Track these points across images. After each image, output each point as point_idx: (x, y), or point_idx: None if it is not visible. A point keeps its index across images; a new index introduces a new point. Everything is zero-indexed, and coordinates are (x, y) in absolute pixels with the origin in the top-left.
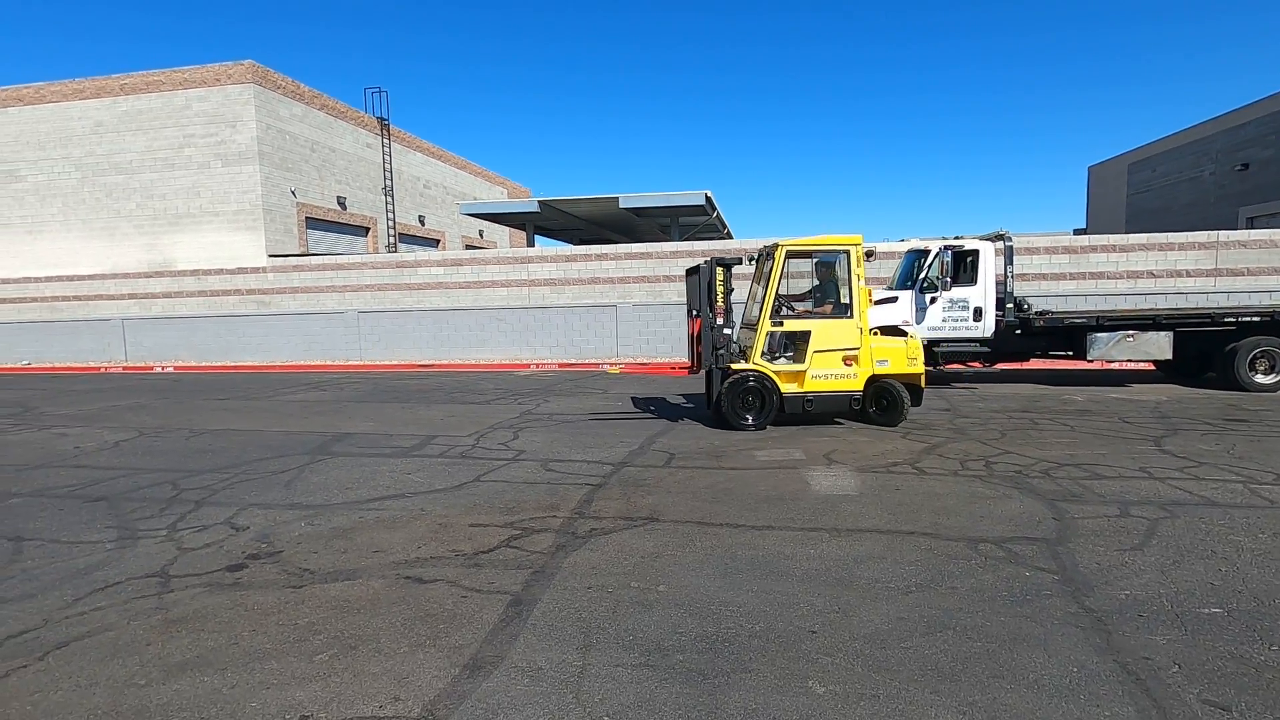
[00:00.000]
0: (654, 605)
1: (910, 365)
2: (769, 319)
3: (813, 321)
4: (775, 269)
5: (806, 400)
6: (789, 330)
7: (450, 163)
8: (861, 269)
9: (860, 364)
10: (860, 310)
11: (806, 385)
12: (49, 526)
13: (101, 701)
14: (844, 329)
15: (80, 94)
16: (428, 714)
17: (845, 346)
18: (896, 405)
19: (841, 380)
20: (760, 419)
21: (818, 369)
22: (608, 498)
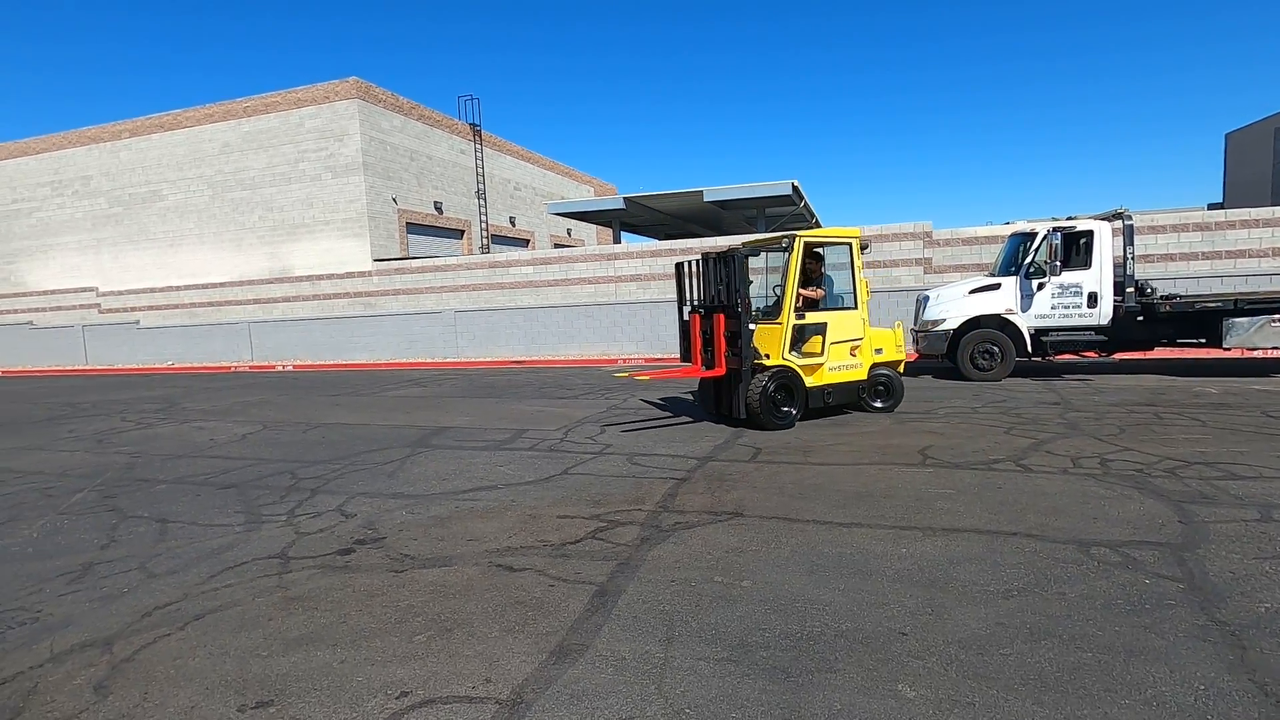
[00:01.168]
0: (737, 600)
1: (898, 353)
2: (793, 312)
3: (830, 314)
4: (794, 261)
5: (826, 393)
6: (809, 323)
7: (538, 164)
8: (860, 261)
9: (862, 354)
10: (862, 301)
11: (824, 378)
12: (188, 510)
13: (231, 669)
14: (851, 321)
15: (210, 118)
16: (516, 697)
17: (853, 337)
18: (894, 392)
19: (851, 371)
20: (794, 416)
21: (833, 361)
22: (692, 492)
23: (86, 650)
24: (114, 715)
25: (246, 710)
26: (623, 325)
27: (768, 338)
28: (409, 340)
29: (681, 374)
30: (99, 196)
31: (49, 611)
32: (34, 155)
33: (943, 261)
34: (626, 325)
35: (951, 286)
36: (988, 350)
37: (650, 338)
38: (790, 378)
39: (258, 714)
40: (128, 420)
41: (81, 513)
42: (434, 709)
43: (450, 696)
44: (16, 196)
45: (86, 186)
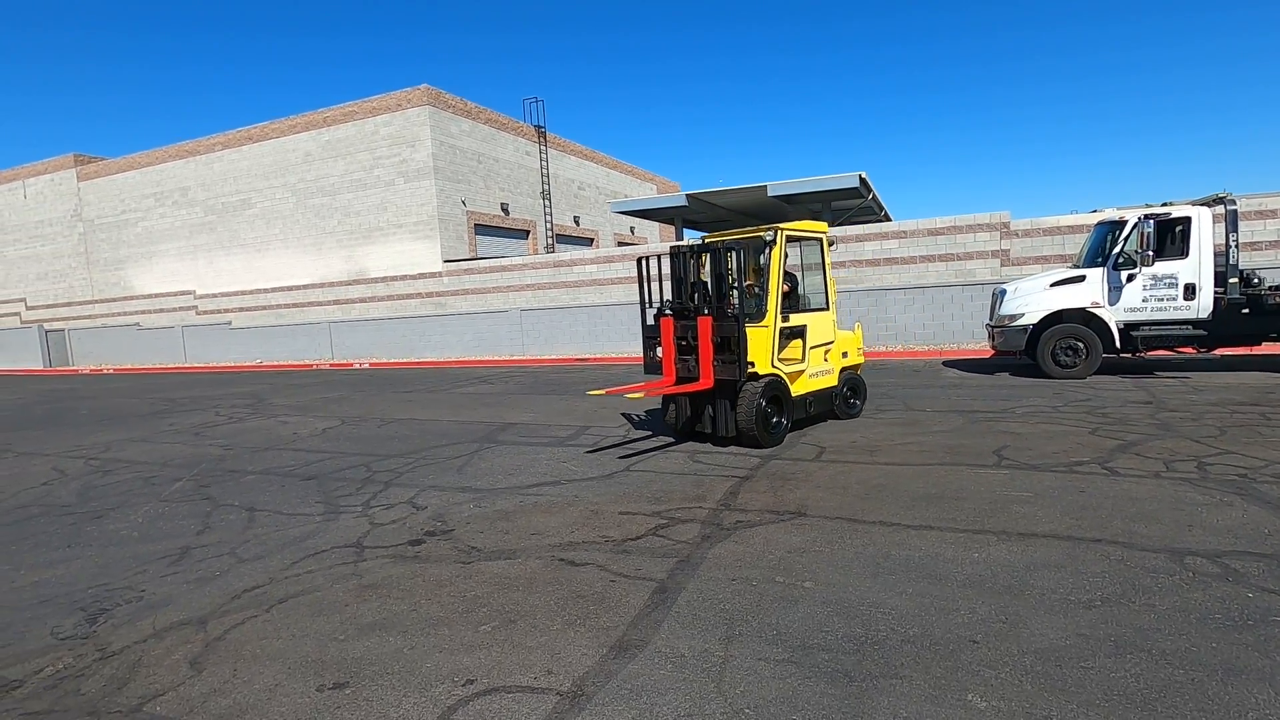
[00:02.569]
0: (799, 601)
1: (859, 355)
2: (779, 312)
3: (808, 316)
4: (777, 256)
5: (808, 402)
6: (794, 326)
7: (602, 163)
8: (830, 258)
9: (834, 357)
10: (832, 302)
11: (806, 386)
12: (274, 500)
13: (310, 650)
14: (826, 323)
15: (294, 129)
16: (577, 689)
17: (827, 341)
18: (862, 396)
19: (827, 377)
20: (785, 430)
21: (813, 367)
22: (754, 490)
23: (183, 628)
24: (207, 690)
25: (324, 690)
26: None
27: (753, 343)
28: (477, 338)
29: (659, 390)
30: (195, 206)
31: (152, 591)
32: (139, 169)
33: (1021, 253)
34: None
35: (1031, 279)
36: (1071, 346)
37: None
38: (780, 388)
39: (334, 694)
40: (220, 415)
41: (180, 500)
42: (498, 697)
43: (513, 686)
44: (125, 208)
45: (185, 197)
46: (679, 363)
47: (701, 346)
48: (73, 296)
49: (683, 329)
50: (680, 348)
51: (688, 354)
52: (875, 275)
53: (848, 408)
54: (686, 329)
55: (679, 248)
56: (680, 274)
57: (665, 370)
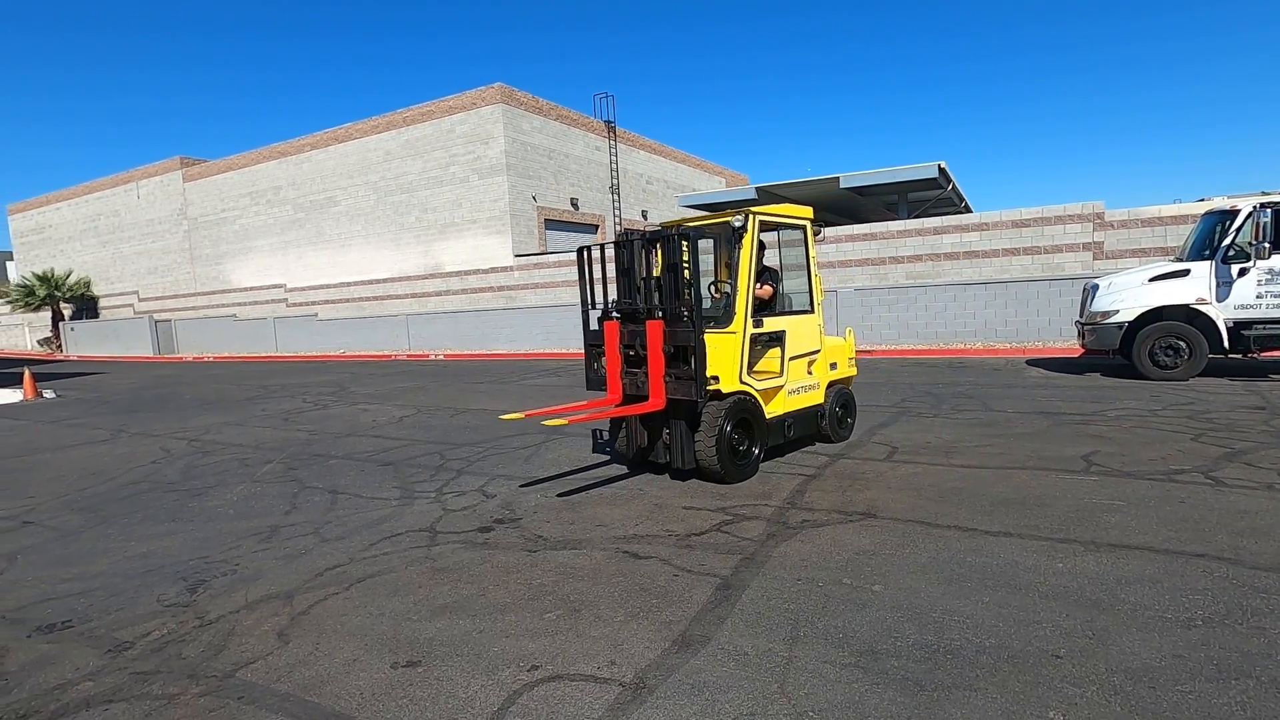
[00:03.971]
0: (867, 605)
1: (850, 367)
2: (750, 317)
3: (787, 319)
4: (748, 246)
5: (787, 424)
6: (768, 332)
7: (670, 157)
8: (815, 250)
9: (819, 369)
10: (818, 303)
11: (784, 405)
12: (354, 484)
13: (386, 629)
14: (809, 328)
15: (375, 129)
16: (639, 681)
17: (811, 350)
18: (853, 414)
19: (811, 393)
20: (757, 460)
21: (793, 382)
22: (822, 489)
23: (272, 601)
24: (292, 660)
25: (398, 668)
26: None
27: (718, 353)
28: (546, 331)
29: (598, 413)
30: (286, 204)
31: (245, 565)
32: (237, 170)
33: (1117, 246)
34: None
35: (1127, 274)
36: (1172, 345)
37: None
38: (751, 409)
39: (407, 672)
40: (307, 401)
41: (270, 481)
42: (561, 684)
43: (577, 674)
44: (224, 207)
45: (277, 195)
46: (626, 377)
47: (651, 357)
48: (178, 289)
49: (630, 335)
50: (628, 358)
51: (636, 366)
52: (954, 269)
53: (839, 428)
54: (635, 335)
55: (627, 234)
56: (628, 267)
57: (610, 386)
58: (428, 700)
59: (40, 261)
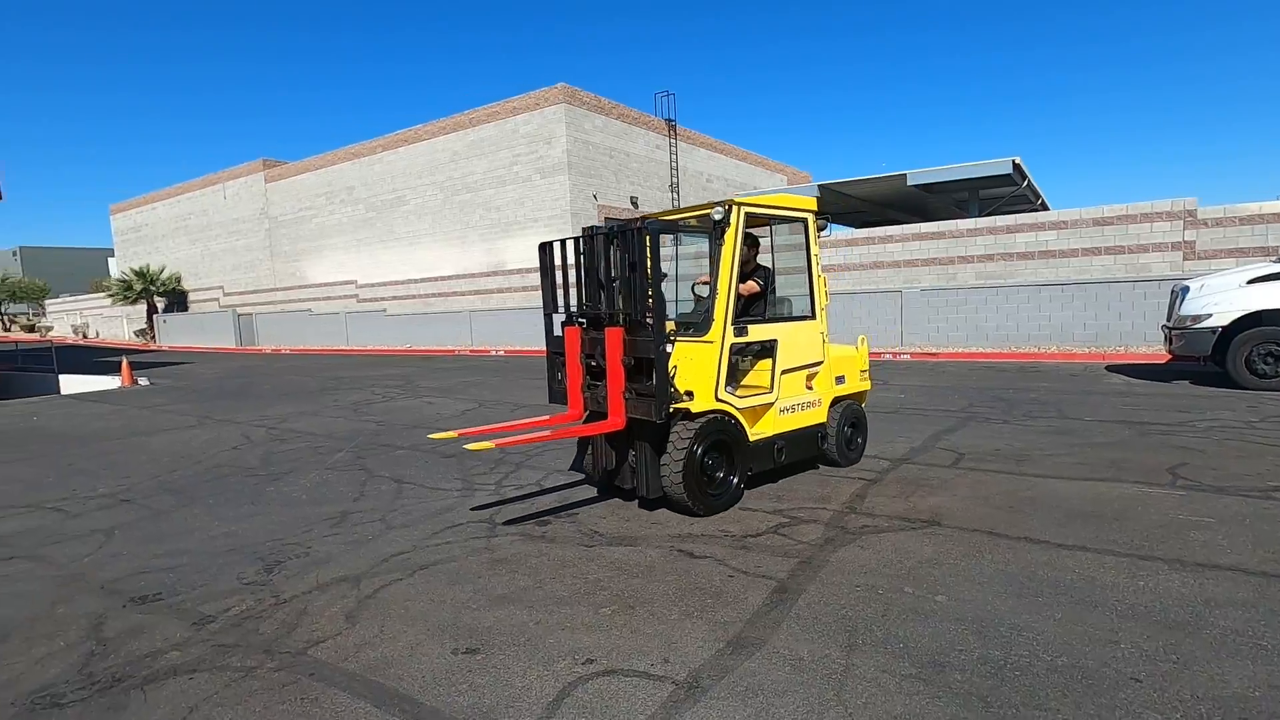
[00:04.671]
0: (930, 615)
1: (863, 381)
2: (730, 324)
3: (780, 326)
4: (731, 242)
5: (777, 448)
6: (753, 341)
7: (731, 155)
8: (818, 247)
9: (822, 383)
10: (821, 307)
11: (774, 425)
12: (419, 474)
13: (446, 616)
14: (808, 336)
15: (443, 131)
16: (693, 681)
17: (811, 361)
18: (863, 434)
19: (809, 412)
20: (735, 489)
21: (787, 399)
22: (883, 494)
23: (341, 584)
24: (359, 641)
25: (458, 654)
26: None
27: (692, 365)
28: None
29: (548, 433)
30: (359, 204)
31: (316, 549)
32: (314, 171)
33: (1211, 245)
34: None
35: (1221, 275)
36: (1272, 353)
37: (843, 331)
38: (728, 430)
39: (467, 659)
40: (376, 394)
41: (341, 469)
42: (616, 679)
43: (631, 670)
44: (301, 206)
45: (350, 195)
46: (588, 390)
47: (610, 370)
48: (258, 285)
49: (592, 344)
50: (590, 369)
51: (599, 379)
52: (1028, 270)
53: (847, 450)
54: (596, 344)
55: (593, 230)
56: (592, 266)
57: (570, 400)
58: (486, 687)
59: (137, 258)
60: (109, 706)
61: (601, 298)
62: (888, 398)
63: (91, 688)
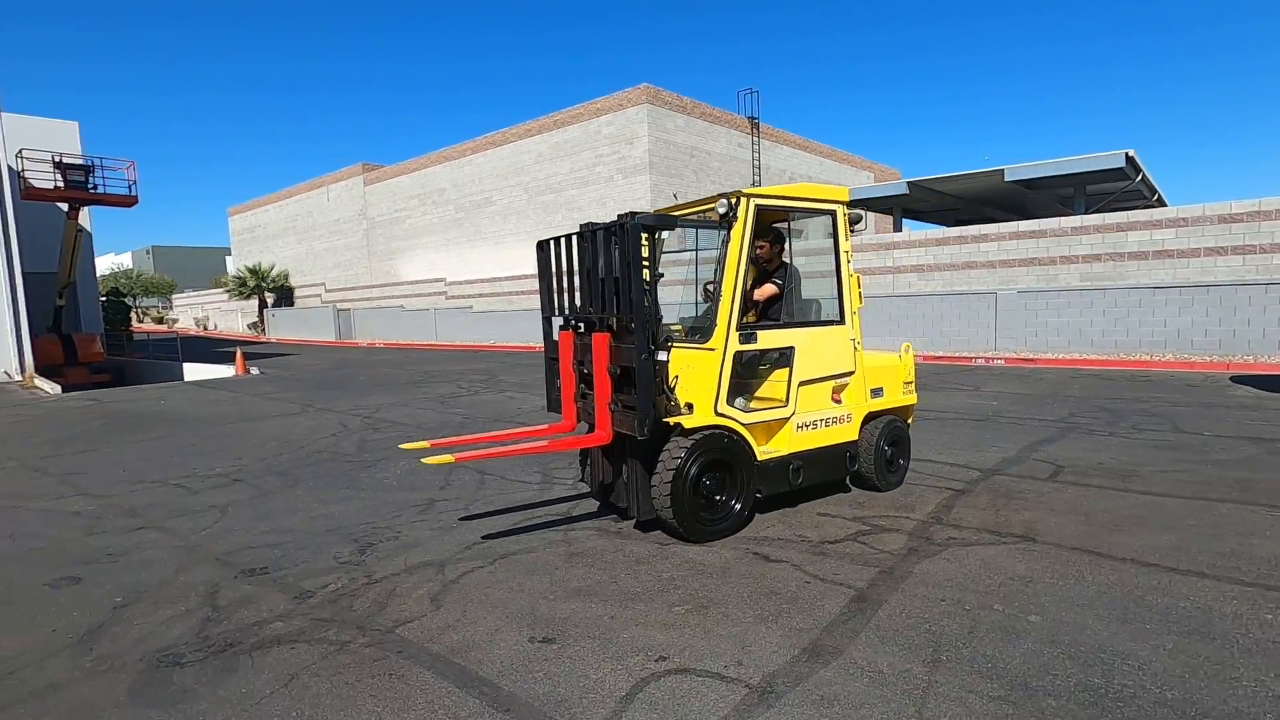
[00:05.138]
0: (1022, 636)
1: (906, 394)
2: (735, 329)
3: (798, 332)
4: (738, 239)
5: (792, 468)
6: (763, 349)
7: (815, 152)
8: (848, 243)
9: (853, 397)
10: (852, 311)
11: (789, 443)
12: (501, 467)
13: (524, 605)
14: (835, 343)
15: (528, 133)
16: (766, 685)
17: (838, 371)
18: (905, 453)
19: (835, 429)
20: (735, 515)
21: (806, 413)
22: (972, 506)
23: (427, 569)
24: (442, 624)
25: (535, 642)
26: (899, 319)
27: (694, 375)
28: None
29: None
30: (449, 205)
31: (405, 534)
32: (408, 174)
33: None
34: (904, 319)
35: None
36: None
37: (932, 334)
38: (729, 448)
39: (543, 647)
40: (461, 387)
41: None
42: (688, 678)
43: (704, 671)
44: (397, 208)
45: (441, 197)
46: (580, 400)
47: (596, 379)
48: (356, 282)
49: (584, 349)
50: (583, 377)
51: (593, 387)
52: (1140, 271)
53: (887, 472)
54: (588, 350)
55: (591, 228)
56: (591, 265)
57: (564, 410)
58: (561, 676)
59: (251, 256)
60: (221, 669)
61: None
62: (978, 405)
63: (207, 650)
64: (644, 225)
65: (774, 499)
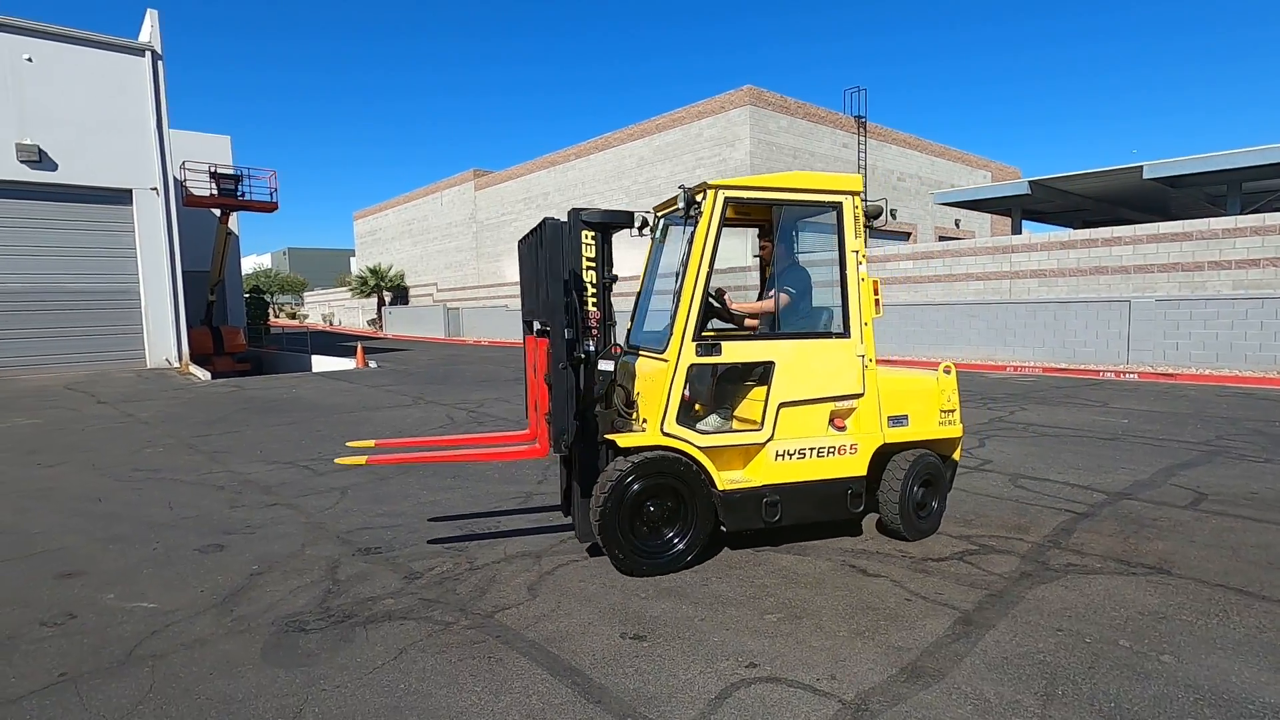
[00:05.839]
0: (1152, 677)
1: (944, 424)
2: (690, 339)
3: (779, 345)
4: (703, 234)
5: (767, 501)
6: (727, 363)
7: (926, 151)
8: (858, 240)
9: (862, 424)
10: (860, 320)
11: (764, 472)
12: None
13: (616, 601)
14: (835, 359)
15: (630, 137)
16: (861, 703)
17: (837, 393)
18: (939, 494)
19: (830, 459)
20: (681, 550)
21: (788, 439)
22: (1096, 531)
23: (524, 558)
24: (539, 613)
25: (626, 638)
26: (1016, 328)
27: (650, 389)
28: None
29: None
30: (552, 209)
31: (505, 523)
32: (515, 179)
33: None
34: (1021, 328)
35: None
36: None
37: (1052, 343)
38: (678, 472)
39: (634, 644)
40: None
41: None
42: (778, 687)
43: (795, 681)
44: (504, 211)
45: (545, 200)
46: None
47: (540, 386)
48: (465, 282)
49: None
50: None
51: None
52: None
53: (914, 517)
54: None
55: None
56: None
57: (530, 417)
58: (651, 674)
59: (372, 258)
60: (340, 638)
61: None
62: (1106, 422)
63: (328, 619)
64: (588, 223)
65: (756, 537)
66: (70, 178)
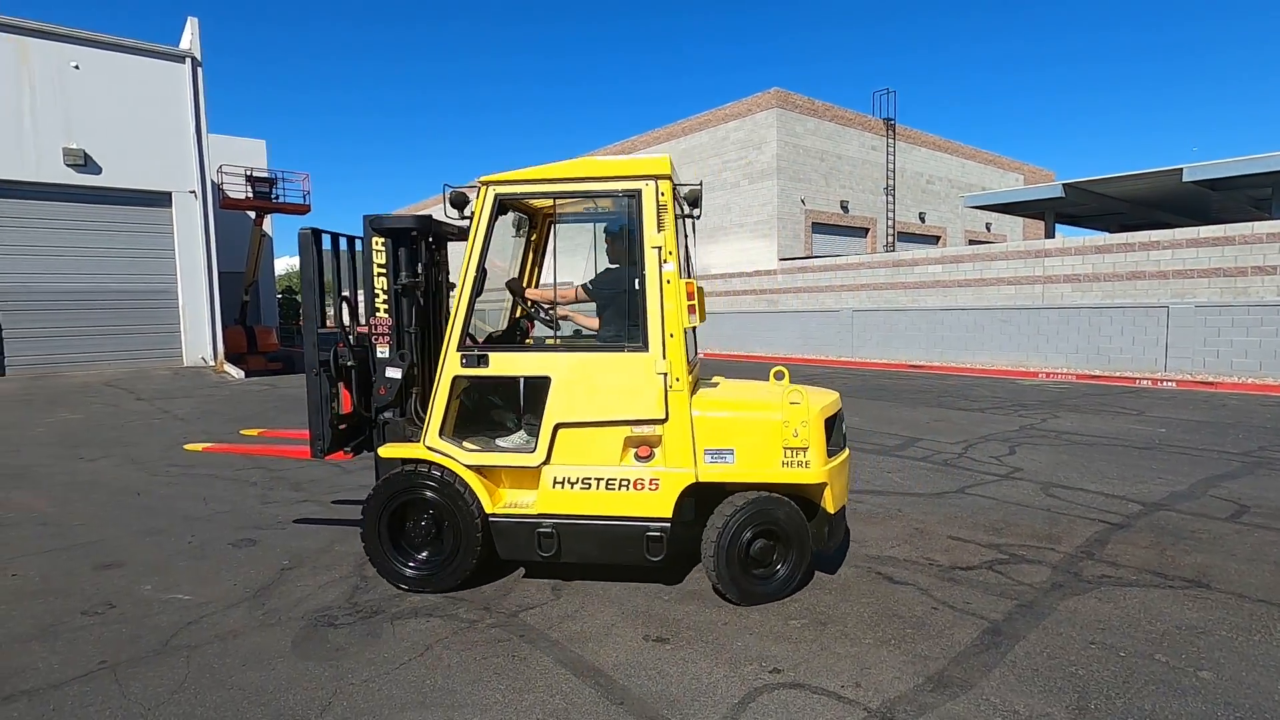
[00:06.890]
0: (1189, 693)
1: (789, 465)
2: (456, 348)
3: (551, 356)
4: (476, 231)
5: (541, 532)
6: (499, 376)
7: (956, 154)
8: (670, 231)
9: (669, 456)
10: (664, 331)
11: (542, 500)
12: None
13: (639, 604)
14: (625, 375)
15: (656, 140)
16: (887, 712)
17: (627, 416)
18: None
19: (627, 494)
20: (434, 570)
21: (567, 464)
22: (1131, 543)
23: None
24: (562, 614)
25: (649, 641)
26: (1049, 333)
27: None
28: (805, 337)
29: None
30: None
31: None
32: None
33: None
34: (1054, 334)
35: None
36: None
37: (1086, 349)
38: (440, 489)
39: (657, 646)
40: None
41: None
42: (802, 694)
43: (819, 688)
44: None
45: None
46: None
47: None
48: None
49: None
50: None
51: None
52: None
53: (745, 577)
54: None
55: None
56: None
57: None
58: (674, 676)
59: None
60: (368, 633)
61: None
62: (1142, 431)
63: (356, 615)
64: (376, 229)
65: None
66: (113, 181)
